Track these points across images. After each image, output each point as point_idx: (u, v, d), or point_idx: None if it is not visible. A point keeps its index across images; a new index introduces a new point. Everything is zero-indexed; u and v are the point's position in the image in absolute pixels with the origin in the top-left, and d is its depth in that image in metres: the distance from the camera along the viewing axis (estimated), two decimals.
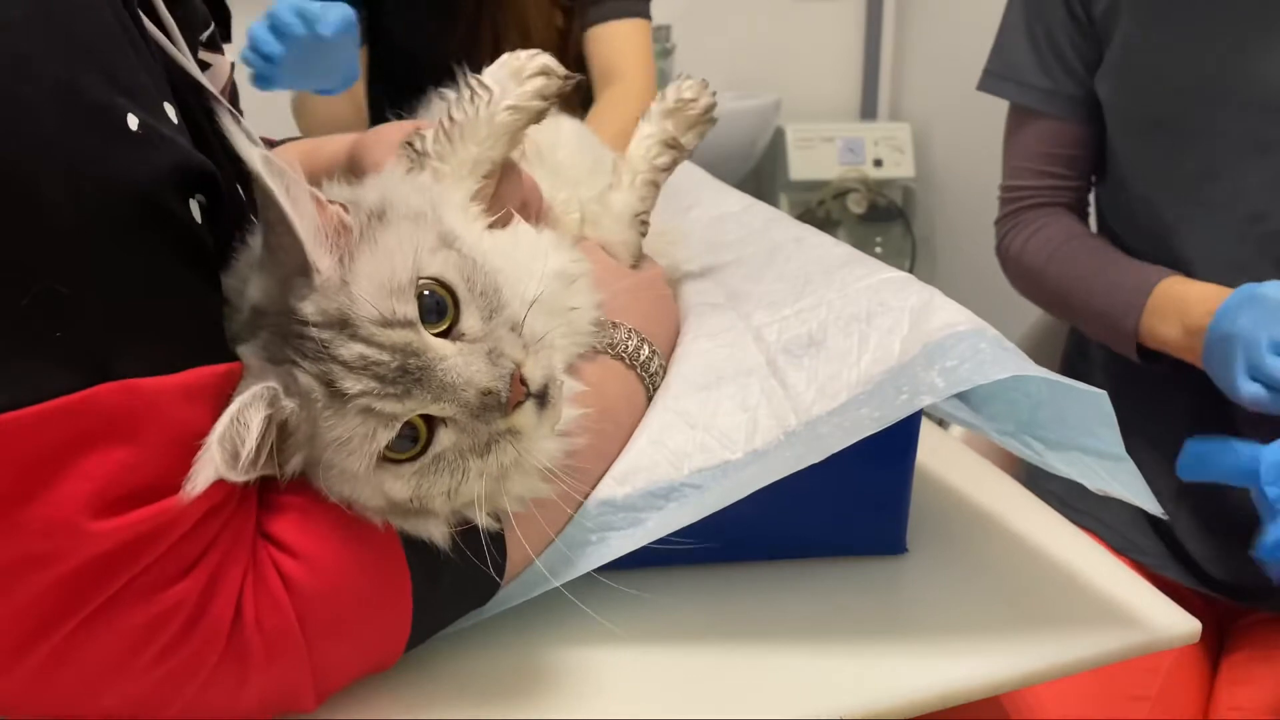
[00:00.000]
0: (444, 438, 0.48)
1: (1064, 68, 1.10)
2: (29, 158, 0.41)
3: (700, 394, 0.62)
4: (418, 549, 0.50)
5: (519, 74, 0.63)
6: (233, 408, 0.44)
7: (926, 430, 0.66)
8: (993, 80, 1.16)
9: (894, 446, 0.62)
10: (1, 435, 0.40)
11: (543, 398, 0.50)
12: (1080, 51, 1.09)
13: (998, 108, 1.17)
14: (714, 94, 0.74)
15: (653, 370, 0.64)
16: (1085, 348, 1.18)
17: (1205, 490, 1.04)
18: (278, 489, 0.49)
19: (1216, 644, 1.05)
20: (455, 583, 0.52)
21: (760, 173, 2.58)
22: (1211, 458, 0.84)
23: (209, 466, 0.43)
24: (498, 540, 0.53)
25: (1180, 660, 0.99)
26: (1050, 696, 0.89)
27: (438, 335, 0.49)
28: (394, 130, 0.66)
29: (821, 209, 2.46)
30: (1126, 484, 0.56)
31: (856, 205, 2.46)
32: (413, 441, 0.48)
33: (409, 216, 0.52)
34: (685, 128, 0.74)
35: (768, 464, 0.56)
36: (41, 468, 0.41)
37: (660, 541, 0.56)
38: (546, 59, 0.64)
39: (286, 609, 0.46)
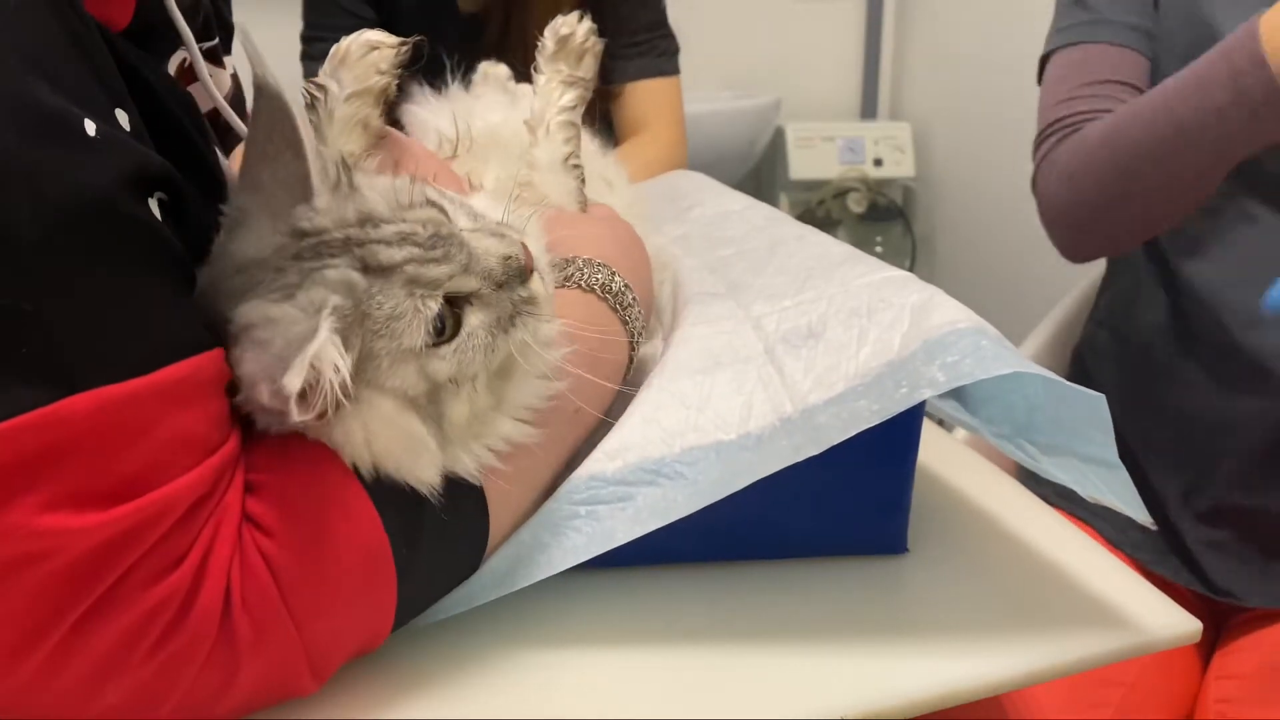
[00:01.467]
0: (473, 317, 0.51)
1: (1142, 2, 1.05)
2: None
3: (696, 377, 0.62)
4: (395, 515, 0.50)
5: (347, 60, 0.63)
6: (312, 347, 0.43)
7: (928, 430, 0.66)
8: (1072, 32, 1.07)
9: (895, 446, 0.62)
10: None
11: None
12: None
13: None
14: (587, 18, 0.74)
15: (616, 289, 0.64)
16: (1096, 342, 1.17)
17: (1211, 491, 1.04)
18: (248, 469, 0.49)
19: (1210, 640, 1.05)
20: (438, 542, 0.52)
21: (760, 172, 2.58)
22: None
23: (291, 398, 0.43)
24: (478, 499, 0.53)
25: (1164, 653, 0.98)
26: (1038, 689, 0.88)
27: None
28: None
29: (821, 208, 2.46)
30: (1118, 492, 0.56)
31: (857, 205, 2.46)
32: (439, 334, 0.50)
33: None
34: (575, 60, 0.74)
35: (765, 453, 0.55)
36: (14, 479, 0.40)
37: (658, 540, 0.55)
38: (370, 34, 0.63)
39: (271, 590, 0.46)
